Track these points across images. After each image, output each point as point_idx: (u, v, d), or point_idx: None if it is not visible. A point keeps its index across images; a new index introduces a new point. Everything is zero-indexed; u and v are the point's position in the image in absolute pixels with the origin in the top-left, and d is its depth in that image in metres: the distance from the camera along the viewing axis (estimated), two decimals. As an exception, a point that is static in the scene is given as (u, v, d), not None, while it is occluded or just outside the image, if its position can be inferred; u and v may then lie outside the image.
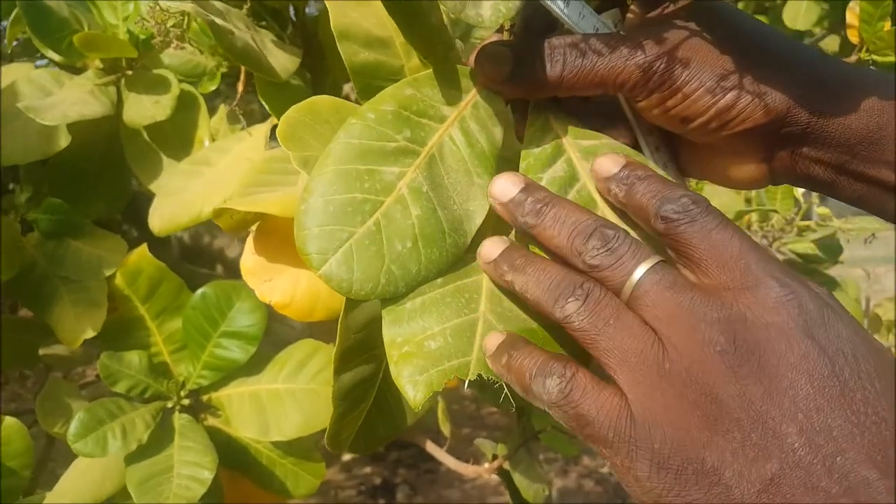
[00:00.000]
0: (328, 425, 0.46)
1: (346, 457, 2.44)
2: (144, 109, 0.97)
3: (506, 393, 0.36)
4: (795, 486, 0.28)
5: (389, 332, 0.37)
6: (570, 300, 0.33)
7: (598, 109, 0.45)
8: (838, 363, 0.29)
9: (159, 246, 1.26)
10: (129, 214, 1.35)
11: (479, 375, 0.37)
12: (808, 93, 0.39)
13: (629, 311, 0.33)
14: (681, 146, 0.45)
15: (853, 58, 0.99)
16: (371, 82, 0.51)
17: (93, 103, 0.97)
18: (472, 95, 0.42)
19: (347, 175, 0.37)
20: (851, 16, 1.03)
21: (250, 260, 0.61)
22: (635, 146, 0.44)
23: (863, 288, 1.57)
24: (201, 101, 1.01)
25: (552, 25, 0.41)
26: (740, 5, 1.82)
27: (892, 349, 1.59)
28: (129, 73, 1.03)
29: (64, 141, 0.99)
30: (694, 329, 0.31)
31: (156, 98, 0.98)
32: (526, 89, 0.41)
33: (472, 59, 0.42)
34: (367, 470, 2.44)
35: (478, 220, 0.40)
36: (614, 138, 0.42)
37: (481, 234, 0.41)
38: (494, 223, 0.42)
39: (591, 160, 0.40)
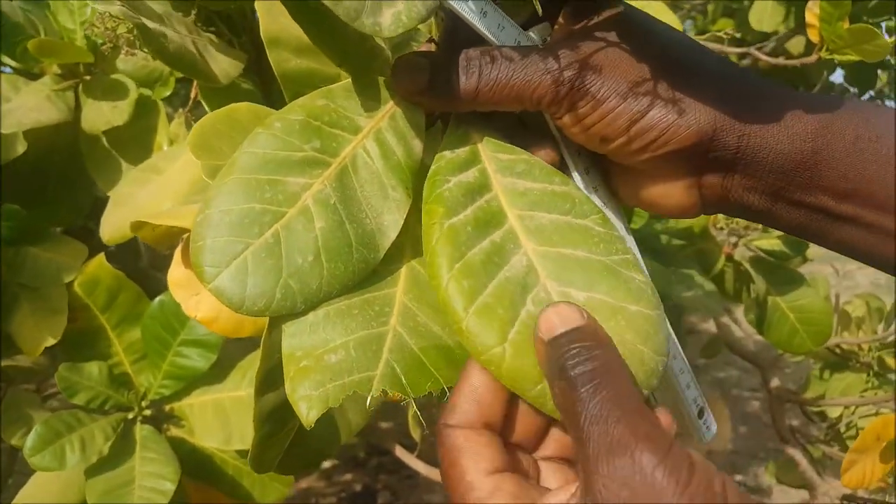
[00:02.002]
0: (250, 447, 0.45)
1: (327, 463, 2.41)
2: (102, 115, 0.96)
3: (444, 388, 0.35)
4: None
5: (289, 345, 0.36)
6: None
7: (529, 127, 0.43)
8: None
9: (127, 254, 1.25)
10: (98, 221, 1.33)
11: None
12: (736, 115, 0.37)
13: None
14: (611, 169, 0.42)
15: (814, 57, 0.98)
16: (303, 90, 0.49)
17: (49, 109, 0.96)
18: (389, 107, 0.40)
19: (248, 185, 0.36)
20: (811, 15, 1.02)
21: (177, 272, 0.59)
22: (564, 168, 0.42)
23: (832, 285, 1.57)
24: (160, 106, 0.99)
25: (478, 38, 0.39)
26: (709, 7, 1.81)
27: (865, 345, 1.59)
28: (88, 78, 1.01)
29: (20, 147, 0.98)
30: None
31: (113, 103, 0.97)
32: (443, 101, 0.39)
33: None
34: (348, 477, 2.42)
35: (391, 234, 0.38)
36: (542, 159, 0.40)
37: (397, 249, 0.39)
38: (413, 239, 0.40)
39: (507, 175, 0.39)
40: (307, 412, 0.34)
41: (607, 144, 0.38)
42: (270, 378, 0.44)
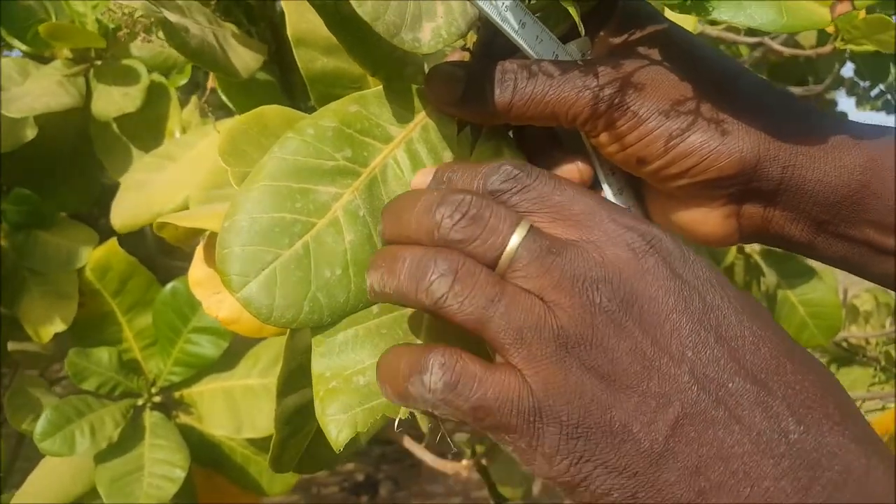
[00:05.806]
0: (270, 448, 0.45)
1: (329, 452, 2.39)
2: (113, 101, 0.95)
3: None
4: (697, 422, 0.28)
5: (318, 365, 0.35)
6: (434, 278, 0.29)
7: (563, 142, 0.41)
8: (708, 295, 0.29)
9: (134, 239, 1.24)
10: (106, 207, 1.33)
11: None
12: (781, 144, 0.36)
13: (509, 283, 0.30)
14: (647, 192, 0.41)
15: (829, 47, 0.97)
16: (330, 91, 0.48)
17: (60, 94, 0.95)
18: (421, 117, 0.39)
19: (278, 193, 0.35)
20: (826, 5, 1.00)
21: (199, 271, 0.59)
22: (596, 186, 0.41)
23: (840, 279, 1.57)
24: (172, 92, 0.99)
25: (515, 48, 0.38)
26: None
27: (873, 340, 1.59)
28: (99, 63, 1.00)
29: (31, 133, 0.97)
30: (577, 293, 0.29)
31: (125, 89, 0.96)
32: (476, 114, 0.38)
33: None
34: (350, 466, 2.43)
35: None
36: (574, 176, 0.39)
37: None
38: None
39: None
40: (337, 435, 0.33)
41: (644, 166, 0.37)
42: (291, 381, 0.44)
